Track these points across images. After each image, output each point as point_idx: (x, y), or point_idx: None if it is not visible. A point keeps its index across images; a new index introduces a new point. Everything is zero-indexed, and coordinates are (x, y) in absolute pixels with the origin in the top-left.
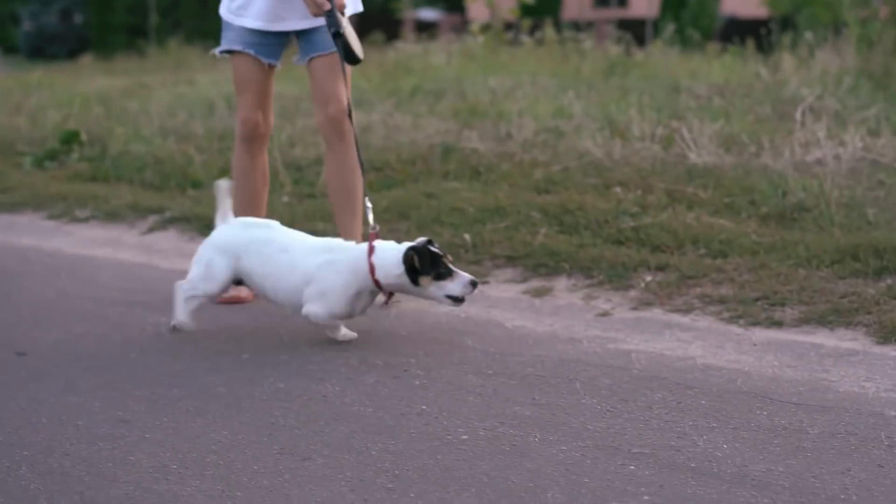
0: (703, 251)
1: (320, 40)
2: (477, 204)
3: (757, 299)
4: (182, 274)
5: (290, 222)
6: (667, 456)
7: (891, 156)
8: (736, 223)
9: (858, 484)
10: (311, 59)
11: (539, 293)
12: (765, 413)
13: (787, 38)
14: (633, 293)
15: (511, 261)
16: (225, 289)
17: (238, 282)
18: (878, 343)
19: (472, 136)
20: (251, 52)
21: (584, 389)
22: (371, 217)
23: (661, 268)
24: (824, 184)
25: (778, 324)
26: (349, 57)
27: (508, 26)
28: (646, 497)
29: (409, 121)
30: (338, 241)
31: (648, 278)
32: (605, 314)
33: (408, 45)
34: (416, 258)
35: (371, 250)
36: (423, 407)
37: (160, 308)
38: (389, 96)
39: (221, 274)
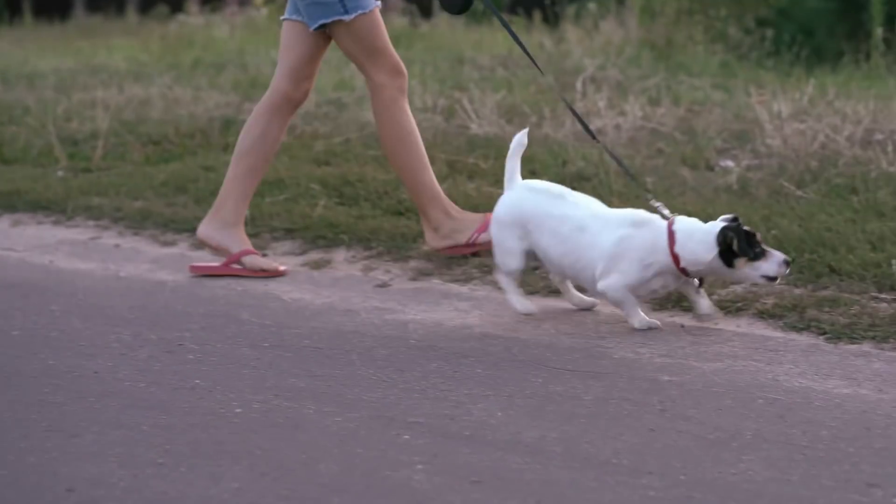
0: None
1: None
2: None
3: (536, 268)
4: None
5: (64, 197)
6: (441, 425)
7: (670, 125)
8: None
9: (630, 448)
10: None
11: (318, 265)
12: (540, 380)
13: (572, 10)
14: (412, 264)
15: (290, 233)
16: (524, 257)
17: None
18: (654, 309)
19: (253, 109)
20: (379, 4)
21: (360, 360)
22: (666, 210)
23: None
24: (604, 153)
25: (556, 292)
26: None
27: None
28: (419, 466)
29: (189, 94)
30: (639, 214)
31: (427, 248)
32: (383, 285)
33: (191, 18)
34: (735, 240)
35: (672, 238)
36: (197, 381)
37: None
38: (169, 69)
39: (515, 247)
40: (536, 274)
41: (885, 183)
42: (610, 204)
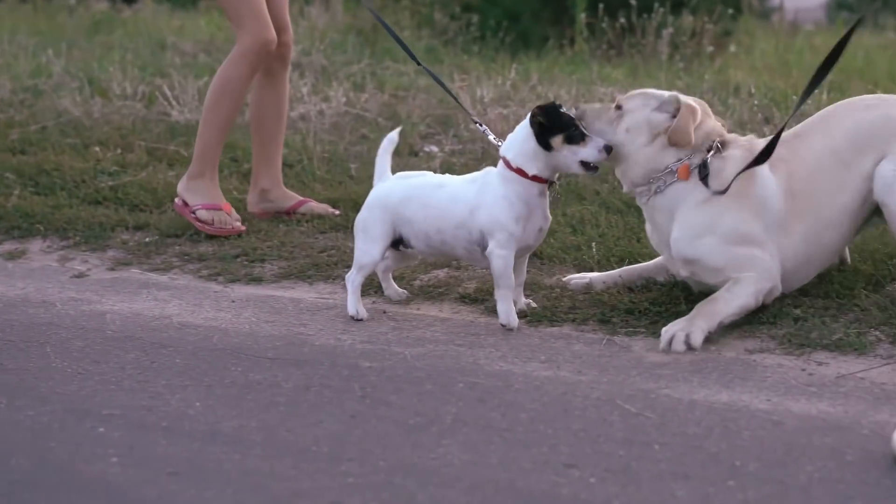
0: None
1: None
2: None
3: (237, 256)
4: None
5: None
6: (138, 416)
7: (374, 110)
8: (220, 180)
9: (330, 435)
10: None
11: (12, 256)
12: (240, 369)
13: None
14: (110, 253)
15: None
16: (385, 248)
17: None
18: (362, 294)
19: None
20: None
21: (54, 353)
22: (492, 136)
23: (139, 227)
24: (307, 139)
25: (257, 280)
26: None
27: None
28: (114, 459)
29: None
30: (487, 168)
31: (126, 237)
32: (80, 276)
33: None
34: (540, 116)
35: (505, 161)
36: None
37: None
38: None
39: (379, 234)
40: (238, 262)
41: None
42: (313, 190)
